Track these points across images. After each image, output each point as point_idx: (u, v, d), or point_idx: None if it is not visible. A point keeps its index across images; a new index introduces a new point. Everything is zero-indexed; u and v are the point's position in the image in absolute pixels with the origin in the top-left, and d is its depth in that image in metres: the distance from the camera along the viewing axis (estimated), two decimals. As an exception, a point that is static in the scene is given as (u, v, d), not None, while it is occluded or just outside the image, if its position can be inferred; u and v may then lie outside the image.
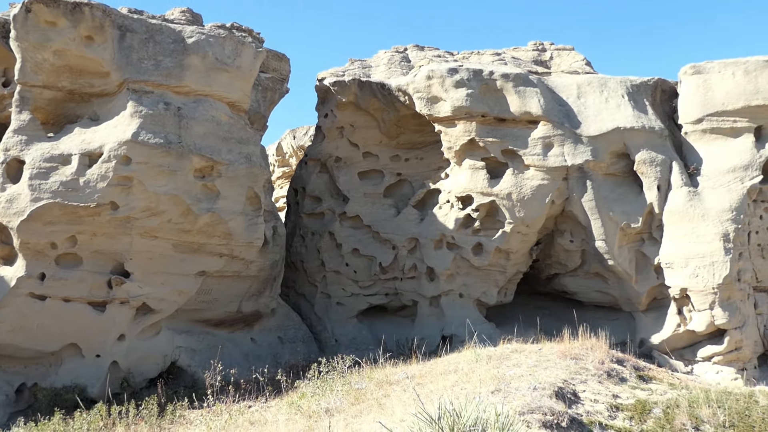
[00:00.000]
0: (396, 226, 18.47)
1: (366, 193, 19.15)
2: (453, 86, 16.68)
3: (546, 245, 18.37)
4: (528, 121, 16.66)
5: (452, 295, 17.67)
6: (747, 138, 16.26)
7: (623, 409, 9.24)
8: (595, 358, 11.38)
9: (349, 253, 18.91)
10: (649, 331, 16.30)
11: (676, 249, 15.54)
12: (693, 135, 16.95)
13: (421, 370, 11.85)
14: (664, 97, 18.07)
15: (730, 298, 15.03)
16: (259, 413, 10.11)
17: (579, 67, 20.15)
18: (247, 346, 16.10)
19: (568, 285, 18.47)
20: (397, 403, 8.74)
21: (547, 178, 16.31)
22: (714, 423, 8.83)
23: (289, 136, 30.25)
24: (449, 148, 17.40)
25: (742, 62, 16.44)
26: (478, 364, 11.17)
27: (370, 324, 18.75)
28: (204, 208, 13.79)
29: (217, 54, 14.33)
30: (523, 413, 7.85)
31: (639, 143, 16.33)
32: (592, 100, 17.12)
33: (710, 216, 15.36)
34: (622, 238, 16.39)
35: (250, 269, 15.65)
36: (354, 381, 11.08)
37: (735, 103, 16.22)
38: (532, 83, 16.77)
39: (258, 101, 17.62)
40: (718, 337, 15.32)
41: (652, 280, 16.33)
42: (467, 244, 17.18)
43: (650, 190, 16.13)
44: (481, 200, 16.73)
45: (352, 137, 19.44)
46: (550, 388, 9.06)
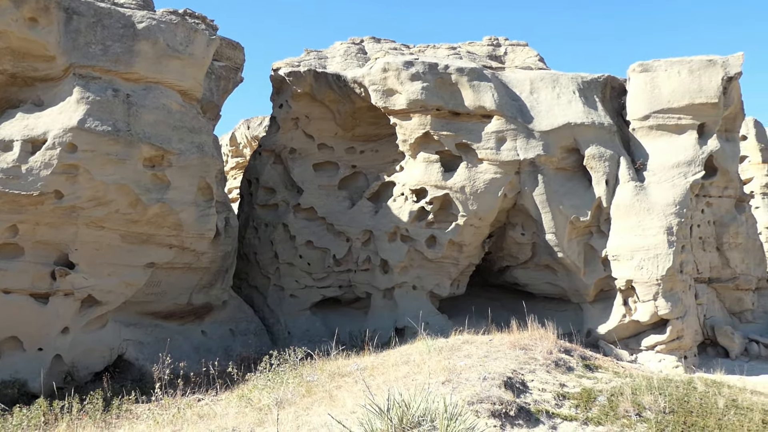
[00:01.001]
0: (350, 218, 18.44)
1: (321, 185, 19.04)
2: (408, 79, 16.71)
3: (498, 238, 18.65)
4: (482, 116, 16.83)
5: (406, 288, 17.77)
6: (690, 135, 16.82)
7: (570, 398, 9.46)
8: (543, 349, 11.60)
9: (303, 245, 18.79)
10: (596, 321, 16.74)
11: (623, 242, 15.98)
12: (640, 131, 17.44)
13: (374, 361, 11.86)
14: (613, 94, 18.52)
15: (673, 289, 15.55)
16: (209, 406, 9.96)
17: (532, 63, 20.47)
18: (197, 339, 15.85)
19: (519, 277, 18.81)
20: (349, 395, 8.74)
21: (499, 171, 16.53)
22: (655, 409, 9.12)
23: (243, 126, 29.80)
24: (404, 141, 17.44)
25: (687, 61, 16.98)
26: (430, 356, 11.26)
27: (324, 316, 18.69)
28: (154, 198, 13.48)
29: (168, 40, 13.99)
30: (473, 403, 7.95)
31: (589, 139, 16.70)
32: (545, 96, 17.41)
33: (655, 210, 15.84)
34: (572, 231, 16.76)
35: (201, 261, 15.39)
36: (306, 373, 11.02)
37: (680, 100, 16.76)
38: (487, 78, 16.95)
39: (211, 90, 17.30)
40: (661, 327, 15.84)
41: (599, 272, 16.77)
42: (421, 236, 17.29)
43: (599, 184, 16.54)
44: (435, 193, 16.85)
45: (307, 128, 19.28)
46: (499, 378, 9.20)
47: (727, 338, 17.47)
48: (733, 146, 18.55)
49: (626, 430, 8.32)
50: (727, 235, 18.31)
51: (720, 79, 16.55)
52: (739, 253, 18.68)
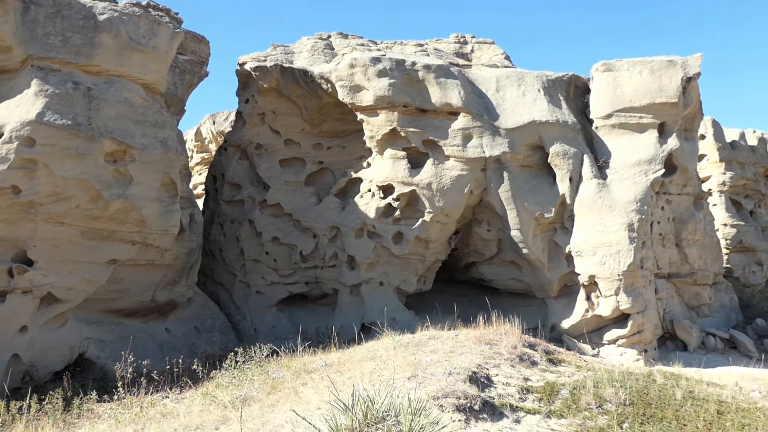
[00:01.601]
0: (317, 214, 18.38)
1: (287, 181, 18.93)
2: (376, 75, 16.71)
3: (464, 234, 18.80)
4: (448, 113, 16.93)
5: (372, 284, 17.80)
6: (651, 133, 17.20)
7: (533, 391, 9.61)
8: (508, 343, 11.76)
9: (269, 242, 18.67)
10: (559, 316, 17.02)
11: (586, 238, 16.28)
12: (603, 129, 17.76)
13: (340, 358, 11.86)
14: (577, 93, 18.82)
15: (634, 284, 15.90)
16: (173, 405, 9.83)
17: (498, 61, 20.66)
18: (161, 337, 15.62)
19: (485, 273, 19.01)
20: (314, 391, 8.72)
21: (466, 168, 16.66)
22: (616, 402, 9.33)
23: (209, 121, 29.43)
24: (371, 138, 17.45)
25: (648, 62, 17.34)
26: (396, 351, 11.30)
27: (290, 313, 18.61)
28: (115, 193, 13.20)
29: (131, 33, 13.71)
30: (438, 398, 8.02)
31: (553, 136, 16.94)
32: (510, 94, 17.60)
33: (617, 207, 16.17)
34: (536, 227, 17.00)
35: (164, 257, 15.16)
36: (272, 370, 10.97)
37: (641, 100, 17.11)
38: (453, 75, 17.05)
39: (175, 84, 17.03)
40: (622, 321, 16.19)
41: (563, 268, 17.04)
42: (388, 232, 17.33)
43: (563, 181, 16.80)
44: (402, 189, 16.90)
45: (273, 124, 19.14)
46: (464, 372, 9.29)
47: (685, 332, 17.94)
48: (692, 145, 19.03)
49: (587, 422, 8.49)
50: (686, 232, 18.79)
51: (680, 79, 16.95)
52: (697, 249, 19.20)
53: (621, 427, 8.46)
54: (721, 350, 17.91)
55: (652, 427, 8.57)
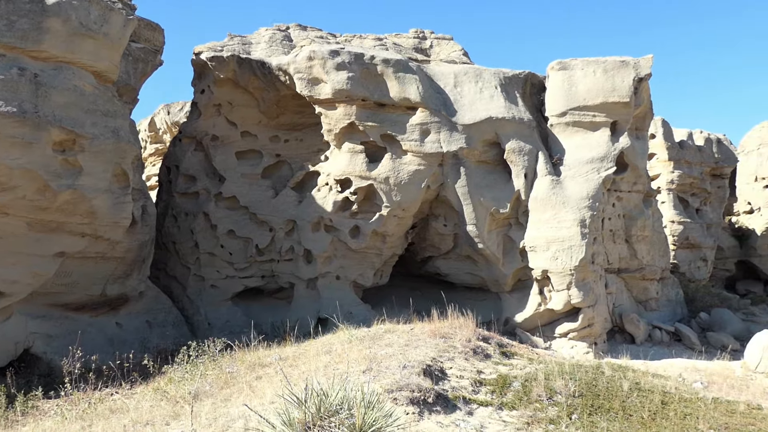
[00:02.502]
0: (274, 207, 18.20)
1: (243, 174, 18.68)
2: (334, 69, 16.62)
3: (421, 229, 18.92)
4: (407, 107, 16.98)
5: (329, 278, 17.76)
6: (604, 132, 17.61)
7: (486, 384, 9.76)
8: (462, 337, 11.91)
9: (225, 235, 18.41)
10: (513, 310, 17.32)
11: (540, 233, 16.58)
12: (558, 127, 18.09)
13: (295, 352, 11.83)
14: (533, 90, 19.11)
15: (585, 279, 16.29)
16: (122, 400, 9.63)
17: (457, 57, 20.79)
18: (111, 331, 15.25)
19: (441, 267, 19.18)
20: (268, 385, 8.68)
21: (423, 163, 16.75)
22: (565, 393, 9.55)
23: (163, 111, 28.78)
24: (329, 131, 17.36)
25: (602, 61, 17.73)
26: (352, 345, 11.32)
27: (246, 307, 18.40)
28: (64, 184, 12.79)
29: (81, 18, 13.25)
30: (392, 391, 8.07)
31: (509, 133, 17.17)
32: (468, 90, 17.75)
33: (570, 203, 16.52)
34: (492, 222, 17.22)
35: (115, 250, 14.79)
36: (225, 364, 10.86)
37: (595, 99, 17.50)
38: (412, 70, 17.09)
39: (128, 72, 16.60)
40: (573, 315, 16.57)
41: (517, 263, 17.33)
42: (345, 226, 17.31)
43: (518, 177, 17.06)
44: (360, 183, 16.89)
45: (230, 115, 18.84)
46: (419, 366, 9.37)
47: (633, 325, 18.49)
48: (643, 144, 19.57)
49: (538, 413, 8.67)
50: (635, 228, 19.33)
51: (632, 79, 17.39)
52: (645, 245, 19.78)
53: (570, 418, 8.67)
54: (667, 343, 18.51)
55: (599, 418, 8.81)
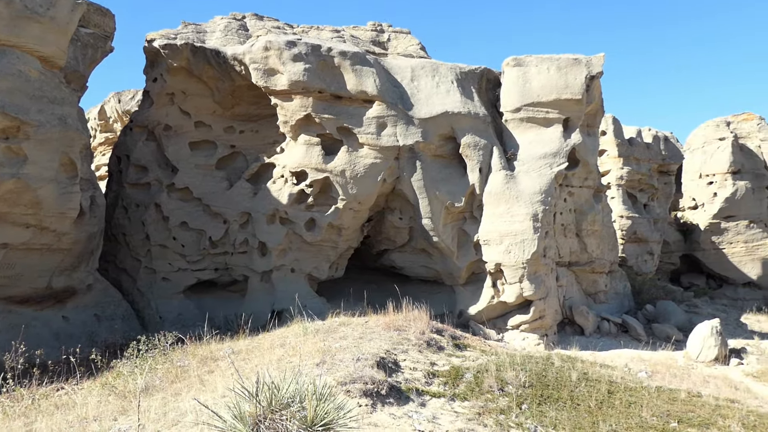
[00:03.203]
0: (228, 199, 17.96)
1: (197, 165, 18.35)
2: (291, 60, 16.46)
3: (377, 222, 18.96)
4: (364, 100, 16.96)
5: (284, 270, 17.64)
6: (557, 128, 17.96)
7: (439, 375, 9.88)
8: (416, 329, 12.01)
9: (177, 227, 18.06)
10: (467, 302, 17.54)
11: (493, 227, 16.83)
12: (512, 122, 18.36)
13: (249, 345, 11.72)
14: (489, 86, 19.33)
15: (537, 272, 16.62)
16: (68, 396, 9.37)
17: (414, 51, 20.87)
18: (57, 325, 14.81)
19: (396, 260, 19.28)
20: (220, 379, 8.58)
21: (379, 156, 16.77)
22: (516, 384, 9.75)
23: (114, 99, 28.00)
24: (285, 123, 17.20)
25: (556, 59, 18.06)
26: (306, 338, 11.29)
27: (198, 300, 18.11)
28: (7, 173, 12.37)
29: (26, 1, 12.80)
30: (345, 383, 8.10)
31: (465, 128, 17.34)
32: (425, 84, 17.84)
33: (523, 198, 16.80)
34: (447, 216, 17.38)
35: (62, 242, 14.36)
36: (176, 358, 10.68)
37: (548, 95, 17.82)
38: (369, 63, 17.07)
39: (76, 58, 16.10)
40: (525, 308, 16.89)
41: (471, 256, 17.55)
42: (300, 219, 17.20)
43: (473, 172, 17.25)
44: (316, 176, 16.80)
45: (183, 105, 18.46)
46: (372, 358, 9.42)
47: (582, 317, 18.97)
48: (594, 140, 20.05)
49: (489, 404, 8.83)
50: (586, 223, 19.81)
51: (584, 77, 17.77)
52: (595, 239, 20.30)
53: (520, 408, 8.86)
54: (614, 334, 19.08)
55: (548, 407, 9.03)
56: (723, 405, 10.53)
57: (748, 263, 30.80)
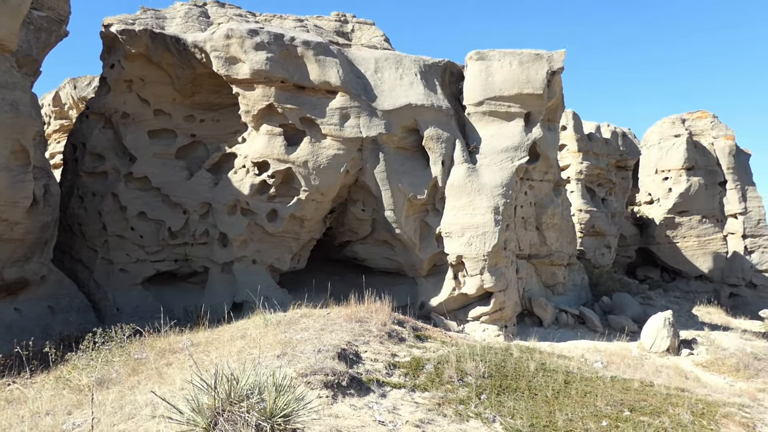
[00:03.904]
0: (188, 189, 17.66)
1: (156, 153, 17.98)
2: (253, 48, 16.24)
3: (339, 213, 18.92)
4: (327, 91, 16.85)
5: (245, 262, 17.46)
6: (518, 122, 18.17)
7: (400, 367, 9.93)
8: (378, 321, 12.05)
9: (135, 217, 17.69)
10: (428, 294, 17.66)
11: (455, 220, 16.95)
12: (475, 116, 18.49)
13: (208, 337, 11.57)
14: (452, 79, 19.42)
15: (497, 264, 16.82)
16: (20, 390, 9.11)
17: (378, 43, 20.81)
18: (9, 317, 14.36)
19: (359, 252, 19.28)
20: (179, 371, 8.45)
21: (342, 148, 16.70)
22: (476, 374, 9.87)
23: (69, 85, 27.20)
24: (247, 112, 16.97)
25: (518, 53, 18.24)
26: (267, 330, 11.21)
27: (157, 291, 17.79)
28: (-45, 159, 11.91)
29: (-26, -19, 12.32)
30: (306, 375, 8.07)
31: (428, 120, 17.40)
32: (388, 76, 17.82)
33: (485, 191, 16.97)
34: (409, 208, 17.45)
35: (14, 232, 13.91)
36: (134, 351, 10.47)
37: (510, 89, 17.99)
38: (333, 53, 16.96)
39: (29, 42, 15.54)
40: (486, 299, 17.10)
41: (433, 248, 17.67)
42: (262, 210, 17.04)
43: (435, 164, 17.34)
44: (278, 167, 16.65)
45: (142, 92, 18.05)
46: (333, 350, 9.41)
47: (541, 309, 19.31)
48: (554, 135, 20.35)
49: (449, 394, 8.92)
50: (546, 216, 20.13)
51: (545, 72, 17.99)
52: (554, 232, 20.65)
53: (479, 398, 8.97)
54: (572, 325, 19.48)
55: (507, 397, 9.17)
56: (673, 394, 10.86)
57: (700, 257, 31.79)
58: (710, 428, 9.26)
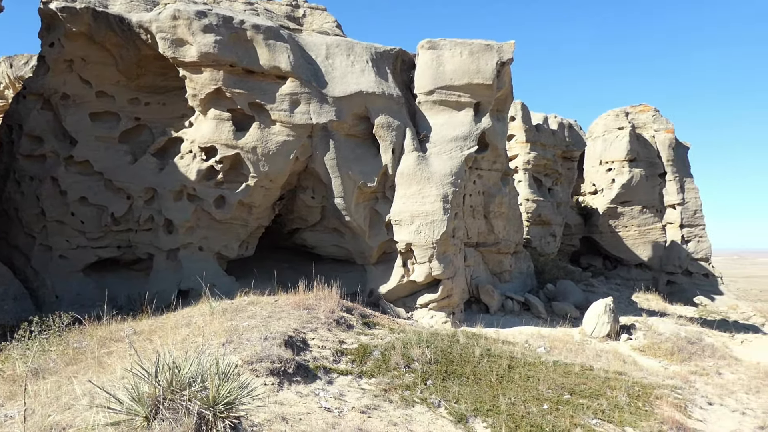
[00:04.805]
0: (132, 174, 17.18)
1: (98, 137, 17.40)
2: (201, 30, 15.86)
3: (289, 200, 18.76)
4: (277, 76, 16.63)
5: (191, 248, 17.15)
6: (468, 112, 18.35)
7: (347, 354, 9.97)
8: (326, 308, 12.03)
9: (76, 202, 17.11)
10: (378, 282, 17.75)
11: (405, 208, 17.06)
12: (425, 105, 18.59)
13: (152, 325, 11.34)
14: (403, 67, 19.45)
15: (446, 252, 17.03)
16: (-50, 381, 8.73)
17: (330, 29, 20.61)
18: (-61, 306, 13.74)
19: (308, 239, 19.20)
20: (120, 360, 8.26)
21: (292, 134, 16.54)
22: (422, 360, 10.01)
23: (5, 63, 26.01)
24: (194, 96, 16.60)
25: (469, 43, 18.39)
26: (213, 317, 11.06)
27: (99, 279, 17.28)
28: None
29: None
30: (252, 362, 8.01)
31: (379, 108, 17.39)
32: (340, 62, 17.71)
33: (434, 179, 17.11)
34: (359, 196, 17.45)
35: (-56, 216, 13.28)
36: (73, 340, 10.18)
37: (460, 79, 18.15)
38: (283, 38, 16.73)
39: (-40, 17, 14.79)
40: (434, 286, 17.30)
41: (383, 236, 17.74)
42: (209, 196, 16.74)
43: (386, 152, 17.37)
44: (226, 152, 16.37)
45: (83, 73, 17.40)
46: (280, 337, 9.36)
47: (488, 296, 19.66)
48: (503, 125, 20.66)
49: (395, 380, 9.01)
50: (493, 205, 20.46)
51: (495, 63, 18.21)
52: (502, 221, 21.02)
53: (425, 383, 9.10)
54: (518, 312, 19.91)
55: (452, 383, 9.33)
56: (612, 377, 11.27)
57: (641, 246, 32.94)
58: (645, 409, 9.66)
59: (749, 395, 12.07)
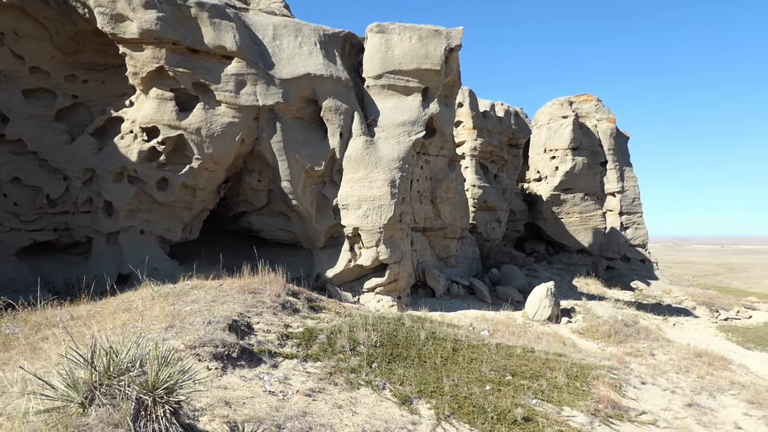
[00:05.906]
0: (69, 154, 16.52)
1: (32, 115, 16.62)
2: (142, 6, 15.29)
3: (234, 183, 18.44)
4: (222, 56, 16.22)
5: (133, 232, 16.67)
6: (416, 97, 18.40)
7: (293, 337, 9.92)
8: (272, 292, 11.94)
9: (8, 183, 16.35)
10: (324, 266, 17.70)
11: (352, 192, 17.02)
12: (374, 89, 18.53)
13: (90, 310, 11.00)
14: (352, 50, 19.30)
15: (393, 237, 17.10)
16: None
17: (277, 9, 20.23)
18: None
19: (254, 223, 18.95)
20: (55, 346, 7.97)
21: (238, 116, 16.22)
22: (368, 344, 10.05)
23: (-70, 35, 24.47)
24: (135, 74, 16.03)
25: (418, 28, 18.40)
26: (155, 302, 10.82)
27: (34, 262, 16.61)
28: None
29: None
30: (194, 347, 7.88)
31: (326, 91, 17.23)
32: (287, 44, 17.42)
33: (382, 164, 17.12)
34: (306, 179, 17.30)
35: None
36: (5, 326, 9.78)
37: (409, 64, 18.16)
38: (229, 17, 16.32)
39: None
40: (381, 271, 17.38)
41: (330, 220, 17.66)
42: (151, 178, 16.27)
43: (333, 136, 17.25)
44: (168, 133, 15.92)
45: (15, 47, 16.52)
46: (224, 321, 9.24)
47: (434, 280, 19.89)
48: (450, 111, 20.80)
49: (341, 363, 9.03)
50: (440, 190, 20.65)
51: (443, 48, 18.29)
52: (448, 206, 21.24)
53: (371, 366, 9.15)
54: (463, 296, 20.23)
55: (397, 365, 9.41)
56: (552, 359, 11.60)
57: (582, 232, 33.90)
58: (582, 389, 9.99)
59: (679, 375, 12.65)
